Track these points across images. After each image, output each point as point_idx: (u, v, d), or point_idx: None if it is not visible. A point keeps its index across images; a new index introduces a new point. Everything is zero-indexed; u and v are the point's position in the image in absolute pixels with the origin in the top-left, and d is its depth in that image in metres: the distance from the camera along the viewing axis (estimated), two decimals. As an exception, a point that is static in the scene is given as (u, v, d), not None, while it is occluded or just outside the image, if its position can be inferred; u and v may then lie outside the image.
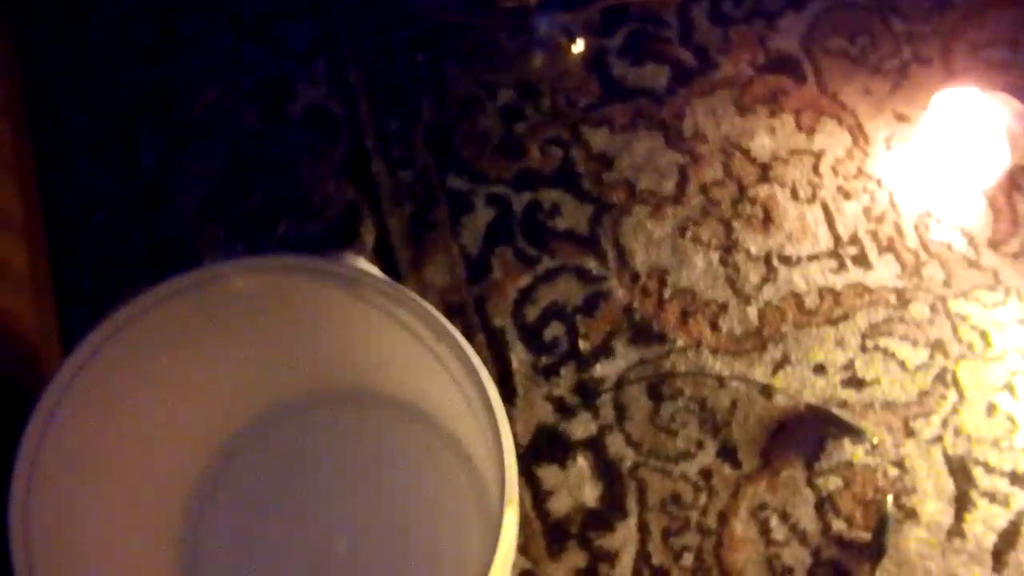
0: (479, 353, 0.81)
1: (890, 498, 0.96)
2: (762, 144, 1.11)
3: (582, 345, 1.04)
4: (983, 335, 1.03)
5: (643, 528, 0.96)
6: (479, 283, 1.07)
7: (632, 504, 0.98)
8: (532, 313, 1.05)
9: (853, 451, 0.99)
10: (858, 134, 1.11)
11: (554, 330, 1.05)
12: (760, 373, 1.02)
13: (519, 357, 1.03)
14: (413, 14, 1.18)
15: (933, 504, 0.97)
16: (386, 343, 0.82)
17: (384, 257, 1.07)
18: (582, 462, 0.99)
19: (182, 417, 0.86)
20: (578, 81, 1.15)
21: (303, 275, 0.76)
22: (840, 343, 1.03)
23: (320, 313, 0.81)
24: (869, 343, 1.03)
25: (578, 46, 1.14)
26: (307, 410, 0.94)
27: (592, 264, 1.07)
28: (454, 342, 0.71)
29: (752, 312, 1.05)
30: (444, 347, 0.72)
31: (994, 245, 1.06)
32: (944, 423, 1.00)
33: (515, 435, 0.97)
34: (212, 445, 0.91)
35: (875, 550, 0.94)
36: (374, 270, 0.77)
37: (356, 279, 0.74)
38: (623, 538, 0.96)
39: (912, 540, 0.95)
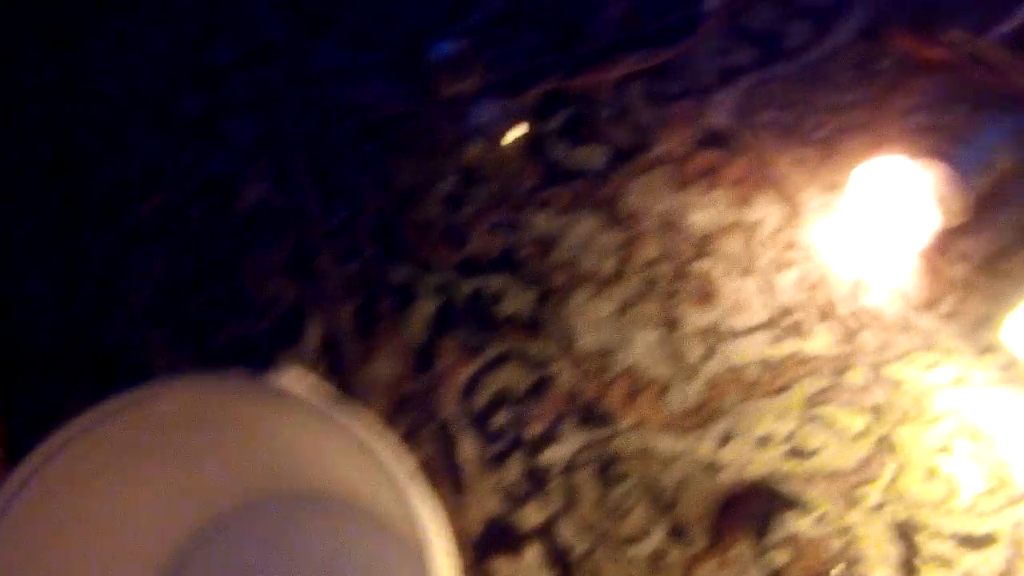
0: (427, 446, 0.84)
1: (838, 569, 0.99)
2: (699, 219, 1.15)
3: (530, 431, 1.07)
4: (920, 398, 1.06)
5: (598, 612, 0.99)
6: (427, 374, 1.10)
7: (586, 589, 1.00)
8: (480, 401, 1.09)
9: (799, 524, 1.02)
10: (792, 204, 1.15)
11: (502, 417, 1.08)
12: (706, 449, 1.05)
13: (468, 447, 1.06)
14: (355, 106, 1.22)
15: (880, 572, 1.00)
16: (327, 450, 0.85)
17: (332, 352, 1.10)
18: (534, 552, 1.02)
19: (124, 534, 0.88)
20: (519, 165, 1.19)
21: (238, 394, 0.79)
22: (782, 414, 1.07)
23: (260, 425, 0.85)
24: (810, 413, 1.06)
25: (517, 131, 1.18)
26: (254, 516, 0.97)
27: (537, 348, 1.11)
28: (383, 453, 0.74)
29: (696, 388, 1.08)
30: (377, 455, 0.75)
31: (928, 307, 1.10)
32: (886, 489, 1.03)
33: (466, 527, 1.00)
34: (154, 560, 0.94)
35: (825, 621, 0.97)
36: (308, 383, 0.80)
37: (288, 397, 0.78)
38: (578, 623, 0.99)
39: (861, 608, 0.98)
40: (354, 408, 0.77)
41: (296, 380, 0.80)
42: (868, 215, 1.11)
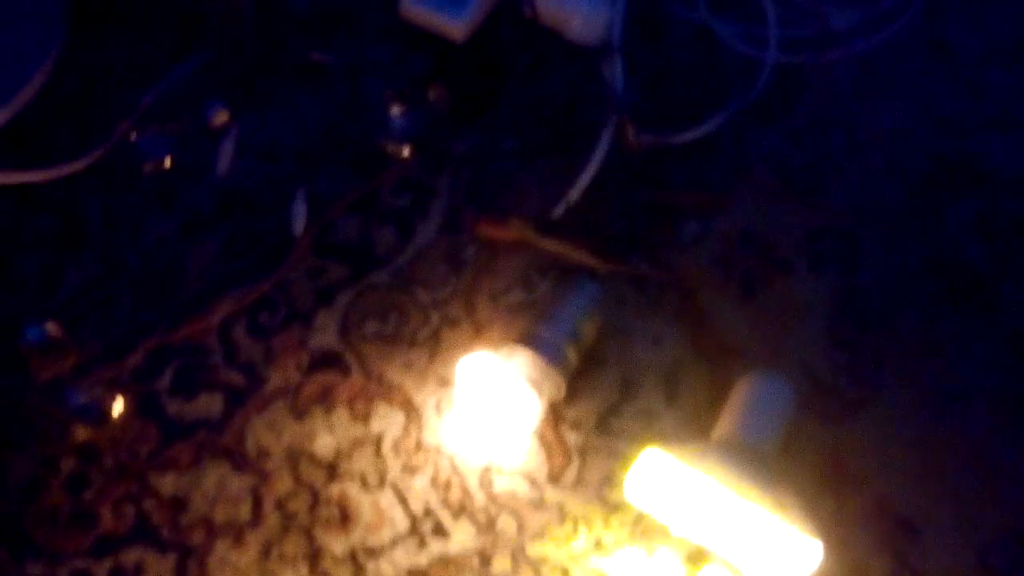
0: None
1: None
2: (324, 444, 1.25)
3: None
4: (563, 572, 1.19)
5: None
6: (79, 670, 1.13)
7: None
8: None
9: None
10: (410, 409, 1.27)
11: None
12: (371, 675, 1.14)
13: None
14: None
15: None
16: None
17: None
18: None
19: None
20: (135, 431, 1.26)
21: None
22: (438, 619, 1.16)
23: None
24: (464, 611, 1.17)
25: (119, 404, 1.25)
26: None
27: (188, 613, 1.16)
28: None
29: (351, 614, 1.16)
30: None
31: (554, 480, 1.24)
32: (548, 670, 1.14)
33: None
34: None
35: None
36: None
37: None
38: None
39: None
40: None
41: None
42: (480, 406, 1.24)
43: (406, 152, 1.43)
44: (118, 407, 1.26)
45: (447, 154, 1.46)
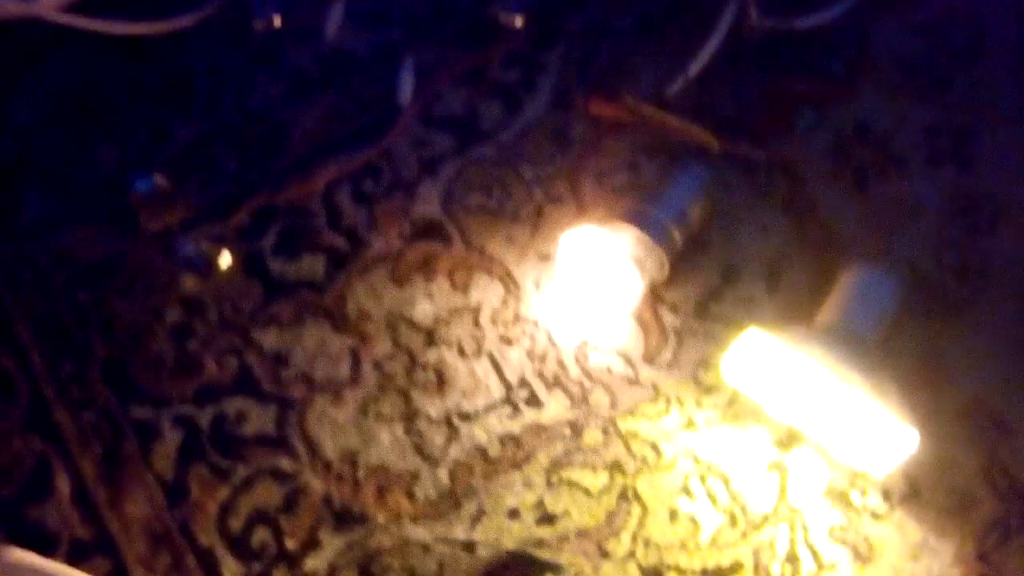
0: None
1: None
2: (424, 310, 1.32)
3: (289, 544, 1.21)
4: (654, 447, 1.25)
5: None
6: (180, 506, 1.23)
7: None
8: (236, 524, 1.22)
9: (557, 585, 1.18)
10: (509, 282, 1.33)
11: (260, 535, 1.22)
12: (460, 531, 1.21)
13: (231, 570, 1.19)
14: (66, 255, 1.34)
15: (638, 616, 1.17)
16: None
17: (84, 502, 1.22)
18: (304, 665, 1.15)
19: None
20: (239, 287, 1.33)
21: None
22: (528, 484, 1.24)
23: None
24: (553, 478, 1.24)
25: (226, 257, 1.32)
26: None
27: (285, 463, 1.25)
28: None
29: (443, 474, 1.24)
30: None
31: (649, 360, 1.29)
32: (634, 538, 1.21)
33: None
34: None
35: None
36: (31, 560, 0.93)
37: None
38: None
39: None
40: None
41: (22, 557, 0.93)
42: (580, 281, 1.29)
43: (518, 23, 1.45)
44: (224, 261, 1.32)
45: (560, 28, 1.48)
